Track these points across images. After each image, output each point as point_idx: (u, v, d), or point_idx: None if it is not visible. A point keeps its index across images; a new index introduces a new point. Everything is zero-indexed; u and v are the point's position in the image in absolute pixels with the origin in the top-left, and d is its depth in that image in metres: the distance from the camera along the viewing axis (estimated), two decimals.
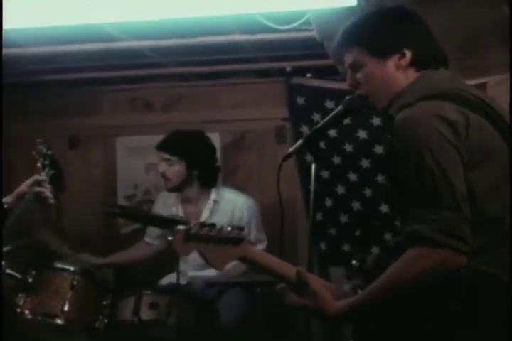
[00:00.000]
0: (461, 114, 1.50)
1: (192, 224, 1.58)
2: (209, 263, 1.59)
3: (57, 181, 2.51)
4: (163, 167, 3.23)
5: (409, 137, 1.50)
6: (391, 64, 1.63)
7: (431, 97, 1.55)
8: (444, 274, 1.45)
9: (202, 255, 1.58)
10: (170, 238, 1.57)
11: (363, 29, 1.67)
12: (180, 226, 1.58)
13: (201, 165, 3.23)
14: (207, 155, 3.28)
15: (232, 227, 1.60)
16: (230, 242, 1.59)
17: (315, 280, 1.60)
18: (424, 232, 1.44)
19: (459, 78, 1.68)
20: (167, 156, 3.21)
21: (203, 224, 1.59)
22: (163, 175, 3.23)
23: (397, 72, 1.64)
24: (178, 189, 3.26)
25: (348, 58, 1.69)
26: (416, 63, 1.63)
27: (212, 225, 1.59)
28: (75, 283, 2.92)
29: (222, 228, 1.59)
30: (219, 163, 3.46)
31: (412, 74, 1.64)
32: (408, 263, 1.46)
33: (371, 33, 1.65)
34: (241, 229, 1.61)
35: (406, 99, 1.59)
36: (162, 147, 3.24)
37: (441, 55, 1.68)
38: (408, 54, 1.63)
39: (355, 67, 1.68)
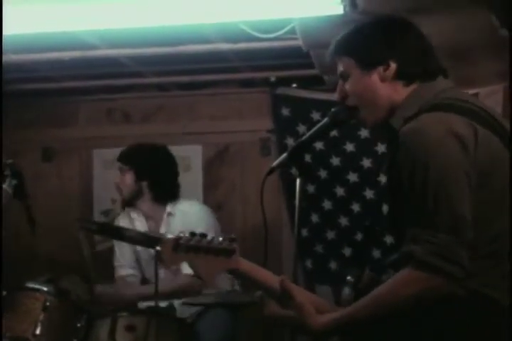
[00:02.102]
0: (470, 127, 1.46)
1: (181, 234, 1.56)
2: (198, 275, 1.56)
3: (20, 190, 2.50)
4: (117, 177, 3.24)
5: (417, 151, 1.45)
6: (375, 75, 1.59)
7: (436, 108, 1.49)
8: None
9: (191, 266, 1.56)
10: (158, 248, 1.48)
11: (351, 39, 1.66)
12: (170, 236, 1.56)
13: (150, 175, 3.16)
14: (157, 166, 3.20)
15: (224, 238, 1.57)
16: (220, 253, 1.55)
17: (300, 293, 1.54)
18: (418, 254, 1.38)
19: (459, 89, 1.63)
20: (120, 165, 3.21)
21: (193, 234, 1.56)
22: (117, 187, 3.23)
23: (381, 84, 1.59)
24: (129, 202, 3.20)
25: (339, 67, 1.68)
26: (402, 76, 1.59)
27: (203, 235, 1.56)
28: (47, 304, 2.79)
29: (213, 238, 1.56)
30: (199, 177, 3.38)
31: (401, 88, 1.59)
32: (398, 286, 1.41)
33: (358, 44, 1.64)
34: (233, 240, 1.57)
35: (409, 111, 1.54)
36: (118, 158, 3.27)
37: (435, 67, 1.62)
38: (393, 65, 1.58)
39: (343, 77, 1.66)
